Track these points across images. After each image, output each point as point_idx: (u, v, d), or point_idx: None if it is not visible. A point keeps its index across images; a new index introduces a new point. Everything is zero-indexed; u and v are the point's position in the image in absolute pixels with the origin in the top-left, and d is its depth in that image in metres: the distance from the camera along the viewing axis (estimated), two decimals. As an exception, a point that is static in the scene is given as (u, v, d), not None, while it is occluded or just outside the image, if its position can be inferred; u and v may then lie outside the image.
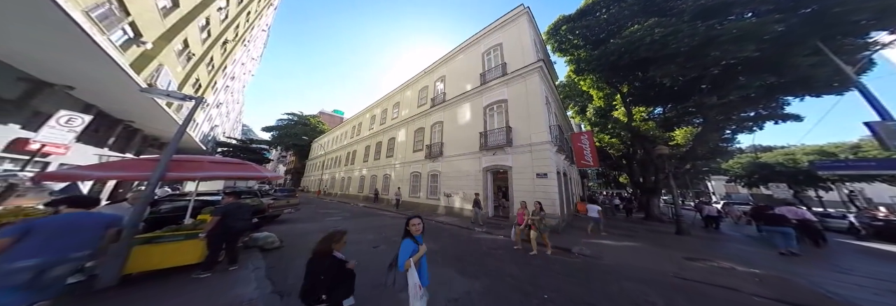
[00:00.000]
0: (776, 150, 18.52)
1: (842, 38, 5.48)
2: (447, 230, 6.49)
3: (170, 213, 4.06)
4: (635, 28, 6.50)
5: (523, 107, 7.62)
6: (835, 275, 3.66)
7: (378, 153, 16.78)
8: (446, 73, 12.28)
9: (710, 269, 3.66)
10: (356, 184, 18.76)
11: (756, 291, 2.81)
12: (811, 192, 17.23)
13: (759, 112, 7.71)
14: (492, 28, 9.79)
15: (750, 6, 5.59)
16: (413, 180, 12.10)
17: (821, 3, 5.14)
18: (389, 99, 18.13)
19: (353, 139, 22.50)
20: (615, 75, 8.00)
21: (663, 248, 4.97)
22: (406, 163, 13.08)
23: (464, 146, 9.42)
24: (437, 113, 11.83)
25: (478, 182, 8.42)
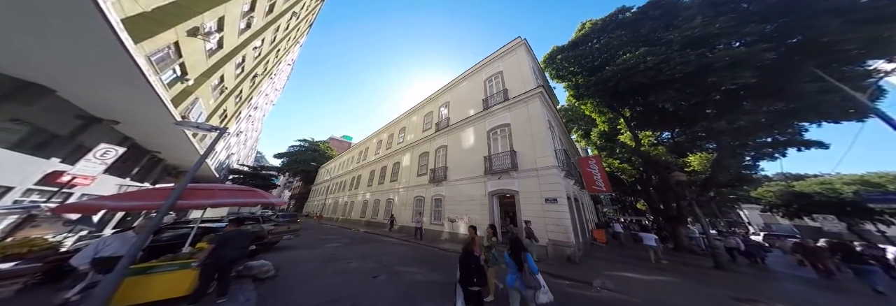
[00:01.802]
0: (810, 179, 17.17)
1: (839, 66, 5.66)
2: (452, 258, 5.92)
3: (170, 241, 4.00)
4: (628, 56, 7.06)
5: (527, 132, 7.82)
6: None
7: (382, 177, 16.85)
8: (450, 100, 13.27)
9: None
10: (358, 209, 18.25)
11: None
12: (870, 226, 15.04)
13: (776, 138, 7.48)
14: (493, 57, 10.97)
15: (735, 37, 6.09)
16: (416, 205, 11.69)
17: (805, 34, 5.50)
18: (396, 124, 19.30)
19: (359, 164, 23.03)
20: (615, 100, 8.35)
21: (702, 285, 4.26)
22: (410, 188, 12.90)
23: (468, 170, 9.37)
24: (442, 137, 12.27)
25: (484, 207, 8.00)
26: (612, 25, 8.37)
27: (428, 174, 11.73)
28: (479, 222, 7.98)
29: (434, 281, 4.08)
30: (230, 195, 3.65)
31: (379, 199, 15.88)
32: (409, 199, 12.46)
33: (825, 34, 5.15)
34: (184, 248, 3.50)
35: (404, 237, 9.77)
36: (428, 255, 6.42)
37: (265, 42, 11.26)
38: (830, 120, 6.43)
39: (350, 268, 4.89)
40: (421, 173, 12.63)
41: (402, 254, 6.54)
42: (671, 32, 6.71)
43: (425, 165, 12.57)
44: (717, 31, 5.97)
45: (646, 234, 6.68)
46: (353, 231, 12.67)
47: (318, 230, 12.91)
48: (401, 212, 12.55)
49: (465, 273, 2.22)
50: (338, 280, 4.10)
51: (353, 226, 15.07)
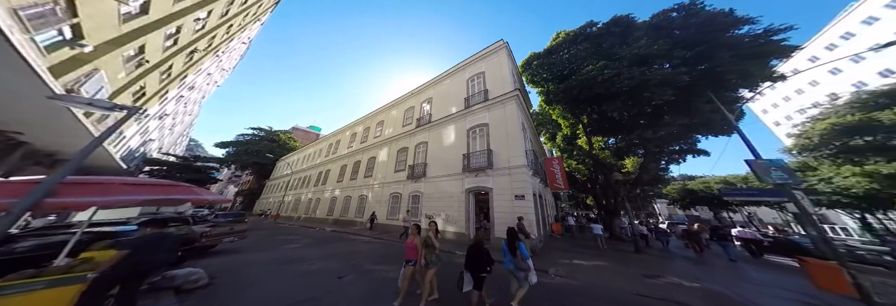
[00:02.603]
0: (697, 179, 22.72)
1: (723, 92, 7.44)
2: None
3: (33, 252, 2.84)
4: (590, 67, 7.92)
5: (503, 132, 8.19)
6: (748, 285, 4.28)
7: (355, 173, 15.69)
8: (433, 96, 12.96)
9: (664, 285, 3.93)
10: (325, 206, 16.60)
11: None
12: (725, 214, 20.99)
13: (681, 146, 9.47)
14: (476, 57, 11.06)
15: (666, 59, 7.37)
16: (392, 202, 11.19)
17: (710, 62, 7.03)
18: (373, 117, 18.02)
19: (329, 157, 20.92)
20: (577, 107, 9.39)
21: (625, 266, 5.23)
22: (386, 184, 12.25)
23: (448, 167, 9.36)
24: (423, 133, 11.93)
25: (461, 203, 8.12)
26: (581, 37, 9.19)
27: (406, 170, 11.30)
28: (455, 219, 8.05)
29: None
30: (138, 191, 2.76)
31: (350, 196, 14.68)
32: (384, 196, 11.83)
33: (719, 64, 6.71)
34: (57, 260, 2.49)
35: (378, 235, 9.20)
36: (398, 253, 6.21)
37: (213, 15, 9.06)
38: (714, 134, 8.48)
39: (312, 270, 4.38)
40: (399, 169, 12.09)
41: (373, 253, 6.19)
42: (624, 49, 7.76)
43: (404, 161, 12.07)
44: (656, 52, 7.15)
45: (595, 225, 8.03)
46: (318, 230, 11.63)
47: (273, 230, 11.40)
48: (375, 209, 11.81)
49: (475, 262, 2.53)
50: (295, 283, 3.71)
51: (318, 225, 13.68)
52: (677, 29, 7.55)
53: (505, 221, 6.76)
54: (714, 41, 6.88)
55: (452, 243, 7.31)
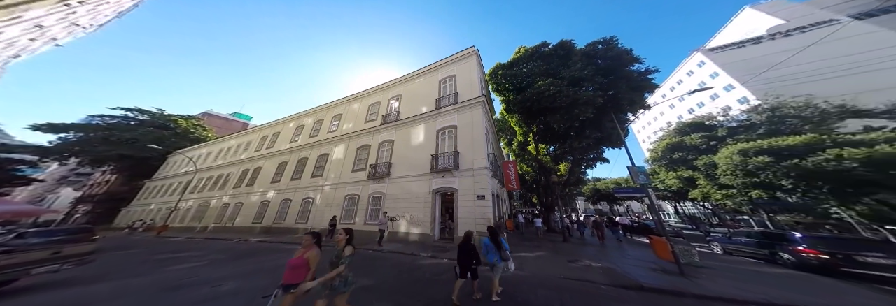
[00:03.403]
0: (601, 181, 30.32)
1: (619, 114, 10.16)
2: (389, 259, 5.65)
3: None
4: (540, 83, 9.17)
5: (469, 135, 8.64)
6: (625, 260, 5.80)
7: (299, 172, 13.30)
8: (403, 93, 12.40)
9: (581, 268, 4.78)
10: (250, 213, 13.27)
11: (602, 281, 3.91)
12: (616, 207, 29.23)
13: (594, 155, 12.42)
14: (450, 60, 11.24)
15: (591, 83, 9.20)
16: (348, 204, 9.99)
17: (615, 90, 9.22)
18: (329, 109, 15.74)
19: (261, 152, 17.00)
20: (529, 117, 10.85)
21: (556, 255, 6.30)
22: (340, 185, 10.84)
23: (414, 167, 9.10)
24: (389, 131, 11.21)
25: (427, 204, 8.04)
26: (536, 55, 10.55)
27: (367, 170, 10.33)
28: (420, 220, 7.85)
29: (364, 287, 3.58)
30: None
31: (290, 199, 12.22)
32: (337, 198, 10.43)
33: (620, 92, 9.19)
34: None
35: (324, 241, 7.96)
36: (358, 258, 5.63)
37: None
38: (612, 146, 11.53)
39: (220, 293, 3.51)
40: (358, 168, 10.92)
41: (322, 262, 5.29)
42: (565, 70, 9.39)
43: (364, 160, 10.98)
44: (585, 76, 9.03)
45: (537, 220, 9.54)
46: (236, 242, 9.23)
47: (153, 247, 8.33)
48: (324, 214, 10.21)
49: (466, 255, 2.95)
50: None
51: (238, 236, 10.64)
52: (599, 59, 9.76)
53: (468, 220, 7.08)
54: (620, 73, 9.35)
55: (417, 245, 7.10)
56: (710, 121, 17.47)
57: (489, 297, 3.03)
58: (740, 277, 4.50)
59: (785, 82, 17.71)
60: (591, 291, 3.46)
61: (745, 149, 11.42)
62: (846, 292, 3.79)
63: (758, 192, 11.56)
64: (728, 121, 16.75)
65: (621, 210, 33.20)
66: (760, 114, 14.73)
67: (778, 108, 14.25)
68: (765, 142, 11.13)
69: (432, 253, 5.87)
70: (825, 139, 9.97)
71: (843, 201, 9.88)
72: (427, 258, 5.63)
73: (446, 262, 5.11)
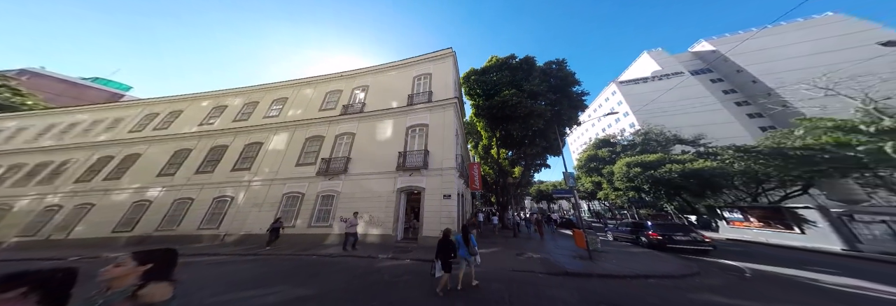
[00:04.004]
0: (545, 183, 35.87)
1: (561, 127, 12.33)
2: (339, 264, 5.01)
3: None
4: (506, 93, 10.11)
5: (440, 134, 8.62)
6: (558, 251, 6.68)
7: (213, 163, 10.27)
8: (371, 84, 11.29)
9: (525, 260, 5.37)
10: (109, 219, 9.38)
11: (540, 270, 4.48)
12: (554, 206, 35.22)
13: (540, 161, 14.63)
14: (426, 58, 10.90)
15: (544, 97, 10.74)
16: (287, 204, 8.28)
17: (560, 106, 11.14)
18: (269, 90, 12.84)
19: (143, 135, 12.26)
20: (493, 123, 11.78)
21: (508, 249, 7.03)
22: (278, 181, 8.87)
23: (378, 164, 8.38)
24: (350, 123, 9.95)
25: (390, 203, 7.51)
26: (505, 66, 11.57)
27: (317, 164, 8.82)
28: (382, 220, 7.22)
29: (300, 297, 3.17)
30: None
31: (191, 198, 9.28)
32: (271, 197, 8.50)
33: (562, 109, 11.20)
34: None
35: (250, 249, 6.30)
36: (295, 266, 4.88)
37: None
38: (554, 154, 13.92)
39: None
40: (305, 162, 9.20)
41: (239, 274, 4.42)
42: (526, 84, 10.66)
43: (314, 153, 9.36)
44: (541, 91, 10.52)
45: (494, 217, 10.12)
46: (73, 261, 6.16)
47: None
48: (247, 217, 8.08)
49: (444, 251, 3.15)
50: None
51: (82, 252, 7.06)
52: (552, 77, 11.53)
53: (434, 220, 7.02)
54: (565, 92, 11.35)
55: (376, 247, 6.50)
56: (613, 140, 23.56)
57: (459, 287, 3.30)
58: (620, 258, 5.85)
59: (656, 114, 25.42)
60: (532, 280, 3.91)
61: (628, 162, 15.84)
62: (668, 260, 5.60)
63: (632, 193, 16.29)
64: (623, 140, 23.01)
65: (555, 208, 40.32)
66: (639, 136, 20.99)
67: (647, 133, 20.66)
68: (638, 158, 15.79)
69: (392, 255, 5.54)
70: (665, 157, 14.97)
71: (668, 199, 15.27)
72: (386, 259, 5.26)
73: (408, 264, 4.90)
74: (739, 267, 5.29)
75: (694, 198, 14.40)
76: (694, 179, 12.92)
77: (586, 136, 38.29)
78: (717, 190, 13.36)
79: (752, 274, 4.81)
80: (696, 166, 13.10)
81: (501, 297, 3.08)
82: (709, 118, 24.50)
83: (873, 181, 10.45)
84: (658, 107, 24.73)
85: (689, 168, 13.14)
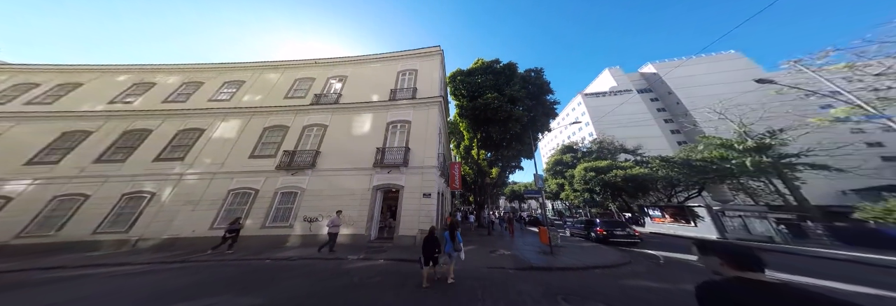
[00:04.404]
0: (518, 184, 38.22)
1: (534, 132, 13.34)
2: (300, 268, 4.44)
3: None
4: (489, 96, 10.34)
5: (423, 132, 8.40)
6: (525, 247, 6.96)
7: (126, 150, 8.30)
8: (350, 75, 10.44)
9: (497, 257, 5.55)
10: None
11: (510, 266, 4.66)
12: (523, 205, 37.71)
13: (515, 163, 15.60)
14: (412, 53, 10.55)
15: (522, 103, 11.21)
16: (234, 202, 7.02)
17: (535, 112, 11.83)
18: (222, 71, 10.95)
19: (4, 108, 8.99)
20: (476, 125, 11.98)
21: (482, 247, 7.27)
22: (222, 175, 7.53)
23: (353, 160, 7.74)
24: (321, 114, 9.01)
25: (364, 201, 7.02)
26: (489, 70, 11.80)
27: (278, 157, 7.73)
28: (354, 219, 6.66)
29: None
30: None
31: (84, 194, 7.33)
32: (214, 194, 7.20)
33: (536, 115, 12.08)
34: None
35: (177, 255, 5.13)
36: (241, 273, 4.21)
37: None
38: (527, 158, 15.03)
39: None
40: (261, 154, 7.96)
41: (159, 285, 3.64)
42: (507, 89, 10.96)
43: (274, 144, 8.20)
44: (520, 97, 11.00)
45: (471, 216, 10.23)
46: None
47: None
48: (175, 217, 6.63)
49: (429, 246, 3.35)
50: None
51: None
52: (530, 85, 12.19)
53: (412, 219, 6.78)
54: (540, 99, 12.19)
55: (346, 247, 5.96)
56: (576, 146, 26.62)
57: (444, 281, 3.50)
58: (575, 252, 6.32)
59: (611, 125, 29.44)
60: (503, 276, 4.05)
61: (586, 167, 18.08)
62: (609, 252, 6.33)
63: (587, 194, 18.67)
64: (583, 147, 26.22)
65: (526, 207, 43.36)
66: (595, 144, 24.23)
67: (602, 142, 23.98)
68: (593, 164, 18.10)
69: (364, 255, 5.15)
70: (613, 164, 17.58)
71: (613, 199, 18.05)
72: (357, 261, 4.84)
73: (382, 264, 4.58)
74: (657, 256, 6.38)
75: (630, 198, 17.20)
76: (631, 183, 15.52)
77: (555, 142, 41.95)
78: (646, 192, 16.29)
79: (664, 260, 5.81)
80: (634, 172, 15.69)
81: (474, 295, 3.13)
82: (647, 132, 29.43)
83: (737, 186, 13.88)
84: (614, 120, 28.61)
85: (628, 173, 15.65)
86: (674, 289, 3.55)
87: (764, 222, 10.53)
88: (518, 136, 11.59)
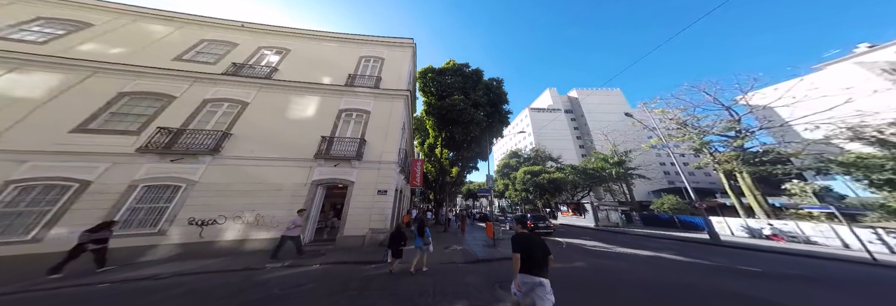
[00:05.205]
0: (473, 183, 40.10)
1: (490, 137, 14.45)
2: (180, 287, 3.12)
3: None
4: (456, 98, 10.40)
5: (383, 125, 7.36)
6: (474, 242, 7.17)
7: None
8: (294, 49, 8.28)
9: (450, 252, 5.50)
10: None
11: (460, 260, 4.66)
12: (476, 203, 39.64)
13: (472, 163, 16.36)
14: (381, 40, 9.26)
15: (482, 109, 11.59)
16: (17, 201, 3.89)
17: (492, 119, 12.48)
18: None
19: None
20: (441, 124, 11.70)
21: (438, 243, 6.93)
22: (20, 154, 4.15)
23: (286, 148, 5.96)
24: (240, 88, 6.69)
25: (297, 198, 5.42)
26: (459, 73, 11.91)
27: (145, 135, 5.05)
28: (278, 219, 5.00)
29: None
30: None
31: None
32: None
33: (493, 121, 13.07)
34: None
35: None
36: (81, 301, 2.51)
37: None
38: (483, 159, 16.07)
39: None
40: (105, 128, 5.04)
41: None
42: (473, 94, 11.33)
43: (142, 117, 5.40)
44: (482, 103, 11.46)
45: (429, 213, 9.70)
46: None
47: None
48: None
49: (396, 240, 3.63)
50: None
51: None
52: (492, 93, 12.58)
53: (362, 217, 5.74)
54: (498, 107, 12.98)
55: (261, 255, 4.29)
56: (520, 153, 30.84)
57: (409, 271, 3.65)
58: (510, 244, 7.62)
59: (545, 137, 35.86)
60: (454, 270, 4.05)
61: (525, 170, 21.15)
62: None
63: (524, 193, 21.79)
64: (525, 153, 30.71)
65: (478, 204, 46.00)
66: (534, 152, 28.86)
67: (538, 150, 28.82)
68: (530, 168, 21.33)
69: (292, 262, 3.99)
70: (542, 169, 21.44)
71: (540, 197, 21.91)
72: (279, 269, 3.70)
73: (317, 269, 3.77)
74: (562, 242, 7.71)
75: (551, 197, 21.10)
76: (552, 185, 19.24)
77: (505, 148, 46.53)
78: (561, 192, 20.53)
79: (567, 246, 7.06)
80: (555, 176, 19.49)
81: (425, 290, 3.07)
82: (566, 145, 37.24)
83: (607, 188, 20.73)
84: (546, 133, 35.09)
85: (551, 177, 19.27)
86: (570, 267, 4.40)
87: (615, 213, 15.37)
88: (477, 139, 12.11)
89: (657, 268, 4.41)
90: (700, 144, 13.55)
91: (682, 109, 14.86)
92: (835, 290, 3.39)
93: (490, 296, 2.89)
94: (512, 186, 23.54)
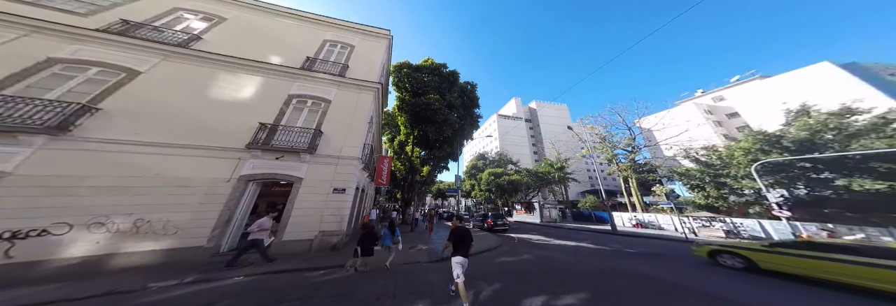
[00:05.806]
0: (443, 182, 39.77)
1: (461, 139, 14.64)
2: None
3: None
4: (432, 97, 10.09)
5: (346, 117, 6.42)
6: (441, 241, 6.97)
7: None
8: (233, 18, 6.63)
9: (415, 252, 5.40)
10: None
11: (425, 260, 4.61)
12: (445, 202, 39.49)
13: (443, 163, 16.25)
14: (353, 26, 8.19)
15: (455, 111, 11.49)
16: None
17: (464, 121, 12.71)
18: None
19: None
20: (415, 121, 11.19)
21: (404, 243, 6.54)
22: None
23: (203, 133, 4.54)
24: (129, 53, 4.83)
25: (211, 198, 4.18)
26: (436, 72, 11.60)
27: None
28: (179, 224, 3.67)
29: None
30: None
31: None
32: None
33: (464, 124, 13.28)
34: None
35: None
36: None
37: None
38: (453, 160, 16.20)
39: None
40: None
41: None
42: (448, 95, 11.18)
43: None
44: (457, 104, 11.44)
45: (394, 212, 8.95)
46: None
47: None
48: None
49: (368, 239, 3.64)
50: None
51: None
52: (465, 96, 12.76)
53: (312, 219, 4.82)
54: (469, 110, 13.23)
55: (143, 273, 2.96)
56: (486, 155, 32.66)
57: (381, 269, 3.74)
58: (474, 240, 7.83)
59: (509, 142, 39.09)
60: (417, 270, 3.94)
61: (490, 172, 22.50)
62: (492, 239, 7.70)
63: (487, 193, 23.14)
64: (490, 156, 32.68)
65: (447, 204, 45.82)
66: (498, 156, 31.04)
67: (502, 154, 31.12)
68: (494, 170, 22.79)
69: (197, 277, 3.08)
70: (504, 171, 23.26)
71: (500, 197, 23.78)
72: (175, 287, 2.78)
73: (240, 282, 3.13)
74: (514, 238, 8.30)
75: (509, 197, 22.97)
76: (511, 185, 21.10)
77: (473, 150, 48.27)
78: (517, 192, 22.65)
79: (518, 241, 7.65)
80: (513, 178, 21.37)
81: (385, 292, 2.93)
82: (524, 150, 41.31)
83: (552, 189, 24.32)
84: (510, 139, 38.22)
85: (510, 179, 21.08)
86: (519, 260, 4.79)
87: (556, 210, 17.97)
88: (449, 139, 12.05)
89: (580, 255, 5.38)
90: (611, 156, 17.43)
91: (603, 127, 18.81)
92: (670, 261, 4.95)
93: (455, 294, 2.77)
94: (478, 187, 24.52)
